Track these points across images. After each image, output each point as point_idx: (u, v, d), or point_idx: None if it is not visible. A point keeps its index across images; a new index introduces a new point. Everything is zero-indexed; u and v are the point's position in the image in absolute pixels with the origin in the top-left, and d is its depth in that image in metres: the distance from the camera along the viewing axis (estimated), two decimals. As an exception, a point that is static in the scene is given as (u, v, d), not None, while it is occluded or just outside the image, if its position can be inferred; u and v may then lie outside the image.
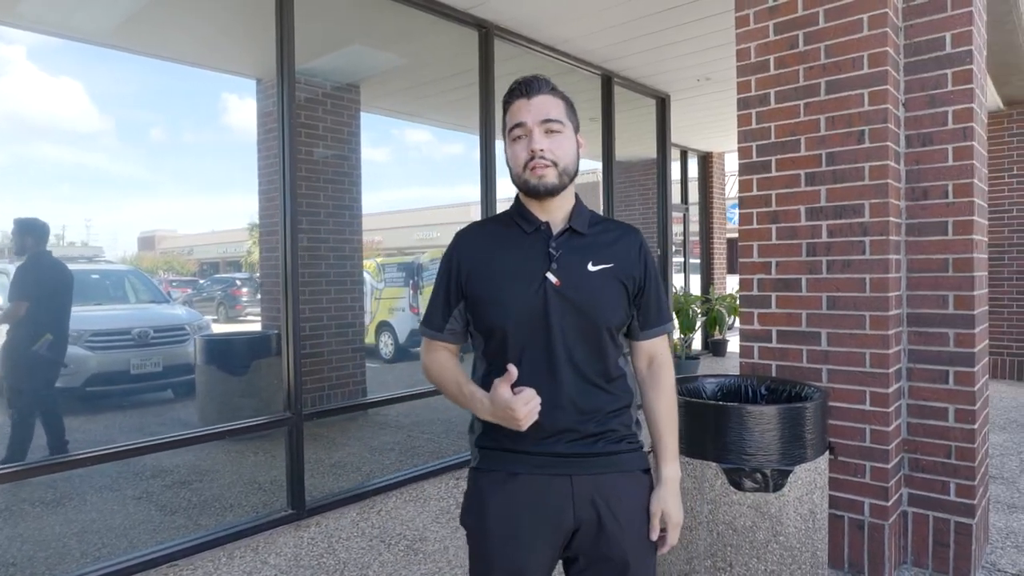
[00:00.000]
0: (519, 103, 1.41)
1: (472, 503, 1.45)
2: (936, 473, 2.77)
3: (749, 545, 2.37)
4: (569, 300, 1.38)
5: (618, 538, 1.38)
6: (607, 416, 1.42)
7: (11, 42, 4.19)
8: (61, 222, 5.01)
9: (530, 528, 1.37)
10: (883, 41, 2.68)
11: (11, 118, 4.23)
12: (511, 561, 1.37)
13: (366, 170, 5.38)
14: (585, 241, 1.44)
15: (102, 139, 4.74)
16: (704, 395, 2.80)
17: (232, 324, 7.07)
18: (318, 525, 3.42)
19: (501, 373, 1.36)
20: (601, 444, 1.40)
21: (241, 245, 7.12)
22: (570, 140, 1.43)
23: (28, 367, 4.01)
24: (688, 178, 9.22)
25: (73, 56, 4.44)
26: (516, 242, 1.44)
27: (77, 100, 4.47)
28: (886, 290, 2.70)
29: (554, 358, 1.37)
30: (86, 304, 5.09)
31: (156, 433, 3.16)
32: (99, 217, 4.95)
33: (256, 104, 4.80)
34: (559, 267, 1.39)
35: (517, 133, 1.40)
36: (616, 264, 1.43)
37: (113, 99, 4.65)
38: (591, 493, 1.37)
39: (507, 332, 1.38)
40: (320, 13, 4.02)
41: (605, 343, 1.41)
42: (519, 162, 1.40)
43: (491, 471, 1.42)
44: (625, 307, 1.45)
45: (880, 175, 2.70)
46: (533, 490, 1.38)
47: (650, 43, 4.84)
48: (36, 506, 3.67)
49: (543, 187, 1.39)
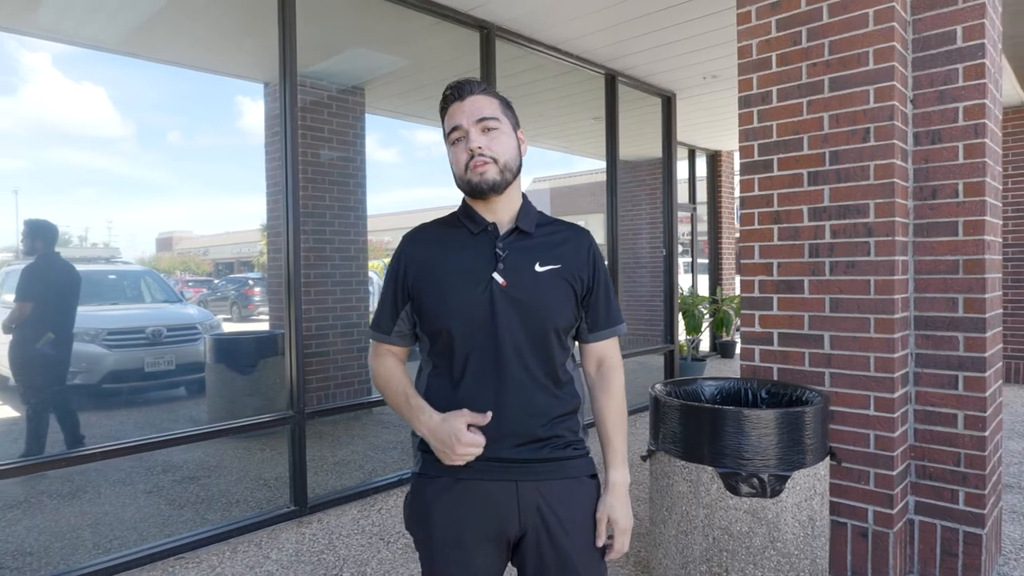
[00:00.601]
0: (453, 107, 1.40)
1: (417, 510, 1.42)
2: (944, 481, 2.69)
3: (745, 551, 2.33)
4: (516, 301, 1.36)
5: (565, 545, 1.35)
6: (553, 421, 1.39)
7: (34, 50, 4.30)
8: (84, 224, 5.14)
9: (476, 534, 1.35)
10: (889, 36, 2.61)
11: (34, 124, 4.34)
12: (460, 567, 1.35)
13: (371, 171, 5.42)
14: (533, 242, 1.43)
15: (120, 143, 4.84)
16: (703, 398, 2.76)
17: (245, 323, 7.16)
18: (320, 522, 3.45)
19: (446, 374, 1.37)
20: (547, 450, 1.38)
21: (254, 246, 7.22)
22: (508, 136, 1.41)
23: (35, 364, 4.09)
24: (696, 177, 9.11)
25: (90, 63, 4.55)
26: (462, 243, 1.42)
27: (95, 106, 4.57)
28: (892, 292, 2.63)
29: (500, 360, 1.35)
30: (103, 304, 5.19)
31: (168, 430, 3.22)
32: (119, 219, 5.06)
33: (264, 107, 4.84)
34: (505, 267, 1.38)
35: (455, 136, 1.39)
36: (563, 265, 1.41)
37: (129, 104, 4.74)
38: (536, 499, 1.35)
39: (453, 333, 1.36)
40: (322, 17, 4.04)
41: (552, 345, 1.39)
42: (460, 164, 1.39)
43: (436, 476, 1.39)
44: (573, 308, 1.43)
45: (886, 174, 2.63)
46: (478, 496, 1.35)
47: (653, 41, 4.78)
48: (53, 498, 3.76)
49: (485, 184, 1.37)
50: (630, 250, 7.82)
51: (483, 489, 1.36)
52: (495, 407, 1.34)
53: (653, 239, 6.67)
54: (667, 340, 6.46)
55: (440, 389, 1.40)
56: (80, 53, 4.38)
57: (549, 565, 1.36)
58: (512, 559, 1.42)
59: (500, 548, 1.38)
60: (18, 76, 4.23)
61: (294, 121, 3.41)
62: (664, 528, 2.54)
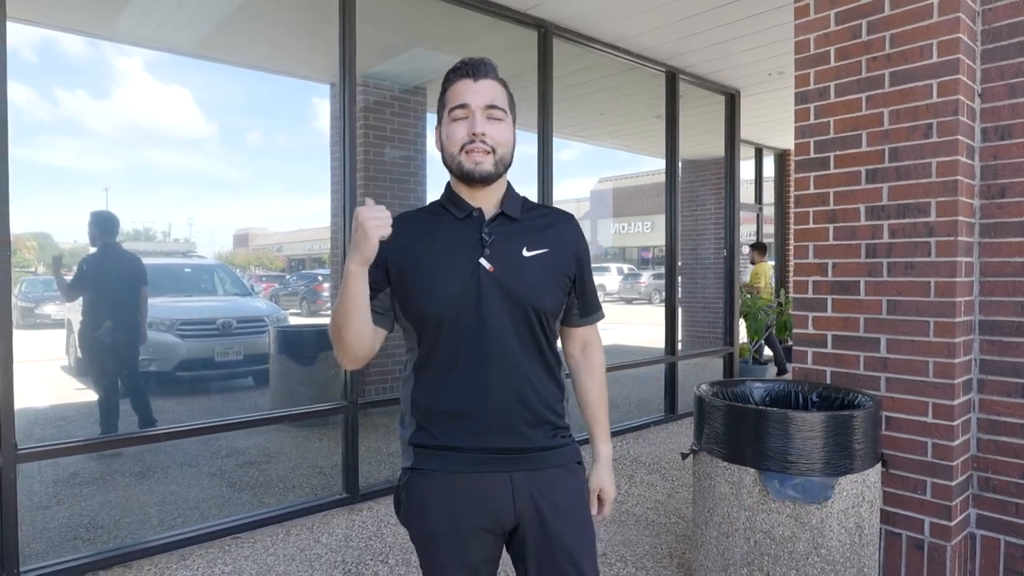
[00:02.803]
0: (464, 83, 1.36)
1: (412, 506, 1.41)
2: (1009, 494, 2.55)
3: (788, 556, 2.28)
4: (503, 286, 1.34)
5: (560, 531, 1.37)
6: (544, 407, 1.39)
7: (128, 55, 4.62)
8: (167, 220, 5.49)
9: (473, 526, 1.36)
10: (955, 27, 2.49)
11: (125, 126, 4.67)
12: (458, 559, 1.37)
13: (431, 170, 5.55)
14: (519, 227, 1.41)
15: (203, 144, 5.16)
16: (751, 400, 2.71)
17: (314, 318, 7.45)
18: (369, 510, 3.57)
19: (434, 364, 1.36)
20: (538, 437, 1.38)
21: (324, 243, 7.49)
22: (510, 130, 1.40)
23: (102, 350, 4.32)
24: (763, 177, 8.87)
25: (174, 67, 4.85)
26: (447, 229, 1.39)
27: (181, 108, 4.89)
28: (953, 295, 2.51)
29: (489, 347, 1.33)
30: (178, 295, 5.52)
31: (233, 416, 3.40)
32: (200, 216, 5.39)
33: (330, 107, 5.04)
34: (492, 253, 1.36)
35: (459, 114, 1.35)
36: (551, 250, 1.41)
37: (210, 106, 5.04)
38: (530, 489, 1.36)
39: (441, 321, 1.34)
40: (383, 18, 4.17)
41: (539, 331, 1.38)
42: (456, 142, 1.35)
43: (430, 471, 1.38)
44: (561, 293, 1.42)
45: (949, 171, 2.51)
46: (473, 489, 1.36)
47: (716, 37, 4.70)
48: (125, 476, 4.02)
49: (478, 174, 1.35)
50: (691, 251, 7.70)
51: (478, 481, 1.35)
52: (486, 395, 1.34)
53: (716, 239, 6.55)
54: (727, 342, 6.33)
55: (429, 380, 1.39)
56: (164, 58, 4.66)
57: (545, 552, 1.37)
58: (507, 548, 1.43)
59: (497, 538, 1.39)
60: (112, 80, 4.56)
61: (352, 121, 3.54)
62: (705, 530, 2.52)
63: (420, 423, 1.39)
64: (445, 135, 1.38)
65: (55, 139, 4.36)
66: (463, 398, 1.35)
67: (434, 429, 1.37)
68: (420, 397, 1.40)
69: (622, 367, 5.09)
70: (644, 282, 17.30)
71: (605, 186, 16.75)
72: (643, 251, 18.51)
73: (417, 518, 1.40)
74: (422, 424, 1.39)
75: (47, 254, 4.75)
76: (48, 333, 5.31)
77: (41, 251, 4.89)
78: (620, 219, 17.60)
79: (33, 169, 4.01)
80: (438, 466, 1.37)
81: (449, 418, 1.36)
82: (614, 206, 17.05)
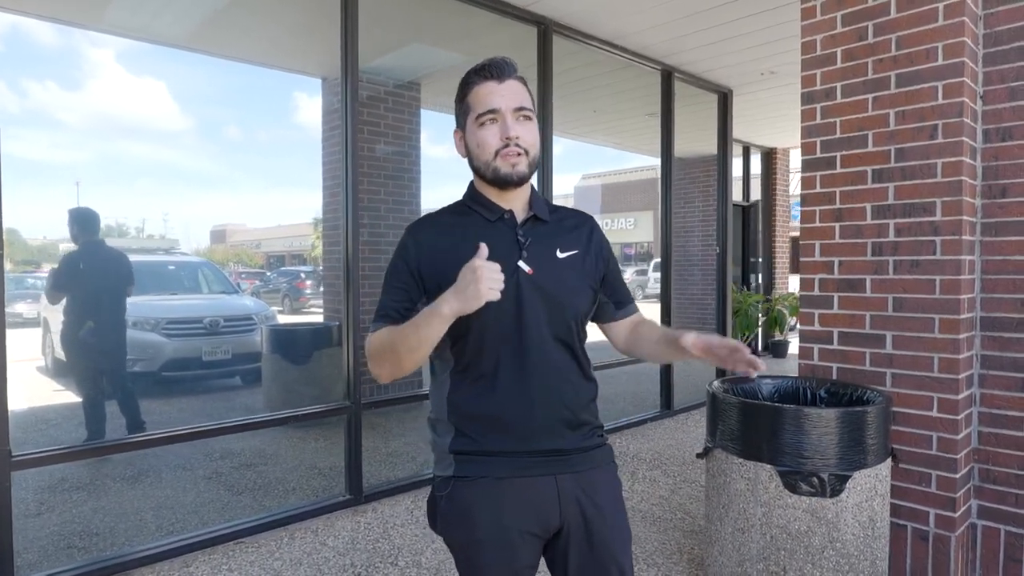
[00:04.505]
0: (489, 86, 1.34)
1: (454, 513, 1.36)
2: (1009, 485, 2.63)
3: (804, 550, 2.32)
4: (541, 289, 1.34)
5: (602, 532, 1.37)
6: (580, 408, 1.39)
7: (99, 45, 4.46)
8: (141, 215, 5.31)
9: (521, 530, 1.34)
10: (959, 31, 2.55)
11: (97, 118, 4.51)
12: (504, 566, 1.35)
13: (425, 167, 5.50)
14: (549, 228, 1.41)
15: (180, 137, 5.00)
16: (760, 396, 2.75)
17: (296, 316, 7.35)
18: (374, 511, 3.54)
19: (475, 371, 1.33)
20: (578, 438, 1.39)
21: (306, 239, 7.37)
22: (537, 129, 1.40)
23: (85, 350, 4.18)
24: (751, 175, 8.98)
25: (151, 58, 4.69)
26: (480, 231, 1.35)
27: (157, 100, 4.74)
28: (958, 292, 2.58)
29: (529, 351, 1.33)
30: (162, 293, 5.39)
31: (225, 417, 3.33)
32: (175, 211, 5.23)
33: (321, 102, 4.96)
34: (530, 256, 1.35)
35: (488, 118, 1.33)
36: (580, 250, 1.42)
37: (189, 99, 4.90)
38: (574, 491, 1.36)
39: (481, 326, 1.30)
40: (383, 12, 4.12)
41: (574, 333, 1.39)
42: (489, 148, 1.33)
43: (476, 478, 1.34)
44: (592, 293, 1.44)
45: (954, 172, 2.58)
46: (520, 493, 1.34)
47: (712, 36, 4.75)
48: (117, 481, 3.92)
49: (516, 176, 1.33)
50: (680, 248, 7.77)
51: (524, 485, 1.34)
52: (529, 399, 1.33)
53: (705, 236, 6.62)
54: (720, 338, 6.38)
55: (469, 385, 1.36)
56: (142, 48, 4.50)
57: (588, 554, 1.36)
58: (545, 551, 1.41)
59: (540, 542, 1.38)
60: (83, 71, 4.40)
61: (355, 116, 3.49)
62: (720, 526, 2.55)
63: (460, 429, 1.37)
64: (475, 142, 1.35)
65: (22, 131, 4.20)
66: (505, 402, 1.33)
67: (476, 435, 1.35)
68: (459, 402, 1.37)
69: (618, 364, 5.12)
70: (628, 278, 17.49)
71: (589, 182, 16.85)
72: (626, 247, 18.69)
73: (462, 527, 1.36)
74: (462, 430, 1.36)
75: (16, 251, 4.58)
76: (21, 333, 5.14)
77: (10, 248, 4.73)
78: (604, 215, 17.74)
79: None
80: (484, 472, 1.34)
81: (492, 423, 1.35)
82: (601, 202, 17.18)
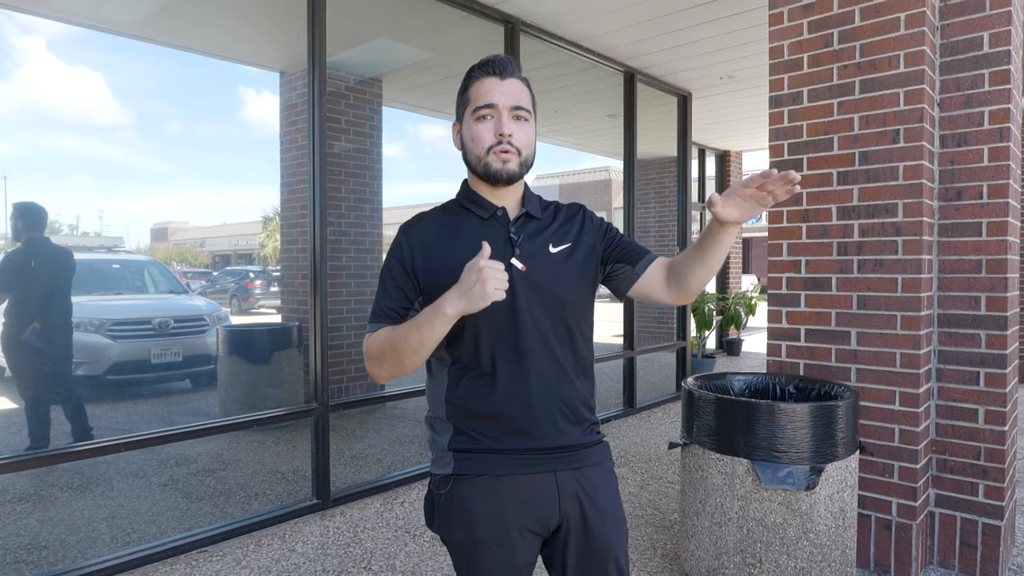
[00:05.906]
0: (490, 81, 1.34)
1: (453, 511, 1.36)
2: (965, 474, 2.77)
3: (779, 542, 2.38)
4: (536, 285, 1.34)
5: (600, 528, 1.38)
6: (579, 403, 1.40)
7: (30, 32, 4.18)
8: (75, 212, 5.02)
9: (521, 528, 1.34)
10: (920, 40, 2.67)
11: (28, 108, 4.22)
12: (504, 563, 1.34)
13: (387, 164, 5.41)
14: (540, 224, 1.42)
15: (120, 131, 4.74)
16: (732, 392, 2.80)
17: (245, 316, 7.12)
18: (343, 515, 3.45)
19: (472, 369, 1.33)
20: (578, 434, 1.39)
21: (253, 238, 7.15)
22: (533, 131, 1.40)
23: (29, 353, 3.94)
24: (705, 177, 9.21)
25: (94, 47, 4.41)
26: (473, 229, 1.37)
27: (96, 91, 4.47)
28: (918, 290, 2.69)
29: (526, 348, 1.33)
30: (107, 293, 5.12)
31: (177, 422, 3.18)
32: (113, 208, 4.96)
33: (280, 97, 4.80)
34: (522, 252, 1.35)
35: (485, 113, 1.33)
36: (573, 243, 1.42)
37: (133, 91, 4.65)
38: (574, 488, 1.37)
39: (476, 324, 1.31)
40: (348, 6, 4.03)
41: (573, 328, 1.39)
42: (483, 143, 1.34)
43: (474, 476, 1.35)
44: (589, 284, 1.43)
45: (915, 175, 2.69)
46: (520, 490, 1.34)
47: (674, 40, 4.83)
48: (64, 491, 3.71)
49: (505, 174, 1.34)
50: (640, 248, 7.88)
51: (525, 483, 1.34)
52: (527, 396, 1.33)
53: (661, 237, 6.73)
54: (679, 337, 6.52)
55: (466, 383, 1.36)
56: (79, 35, 4.21)
57: (586, 551, 1.37)
58: (542, 549, 1.41)
59: (539, 539, 1.38)
60: (11, 59, 4.12)
61: (322, 111, 3.40)
62: (697, 520, 2.59)
63: (458, 427, 1.36)
64: (470, 136, 1.36)
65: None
66: (504, 400, 1.33)
67: (476, 432, 1.34)
68: (457, 400, 1.36)
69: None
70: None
71: (544, 183, 16.93)
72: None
73: (461, 525, 1.35)
74: (461, 428, 1.36)
75: None
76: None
77: None
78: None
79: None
80: (484, 470, 1.34)
81: (491, 420, 1.34)
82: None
